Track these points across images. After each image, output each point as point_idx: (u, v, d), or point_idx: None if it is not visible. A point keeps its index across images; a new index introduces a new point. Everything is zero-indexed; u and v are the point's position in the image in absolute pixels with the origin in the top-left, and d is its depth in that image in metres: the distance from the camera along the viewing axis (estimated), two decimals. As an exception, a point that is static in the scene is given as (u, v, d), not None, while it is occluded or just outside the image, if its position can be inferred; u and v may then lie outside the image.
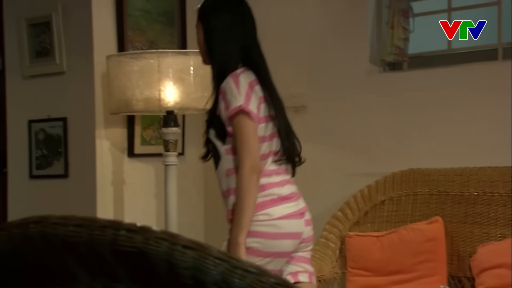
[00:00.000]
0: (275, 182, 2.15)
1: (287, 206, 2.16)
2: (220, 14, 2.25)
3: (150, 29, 3.36)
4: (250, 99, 2.10)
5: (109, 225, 0.70)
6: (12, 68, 3.49)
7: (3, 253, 0.74)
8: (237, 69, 2.15)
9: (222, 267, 0.69)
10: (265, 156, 2.15)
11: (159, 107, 2.88)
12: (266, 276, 0.70)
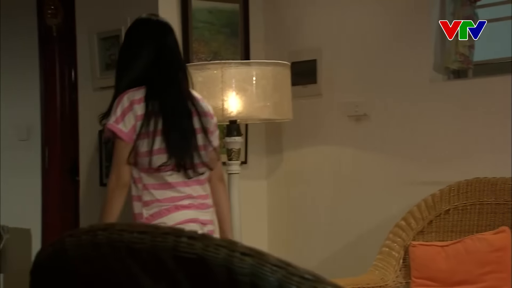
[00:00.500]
0: (158, 196, 2.36)
1: (176, 215, 2.36)
2: (125, 37, 2.58)
3: (214, 41, 3.42)
4: (124, 119, 2.34)
5: (171, 232, 0.73)
6: (84, 80, 3.61)
7: (73, 258, 0.78)
8: (130, 88, 2.38)
9: (280, 274, 0.70)
10: (151, 170, 2.35)
11: (223, 116, 2.93)
12: (322, 284, 0.71)
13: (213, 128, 2.52)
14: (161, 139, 2.33)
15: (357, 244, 3.29)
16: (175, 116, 2.38)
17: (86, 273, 0.79)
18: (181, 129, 2.38)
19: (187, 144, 2.38)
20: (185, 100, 2.42)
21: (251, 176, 3.51)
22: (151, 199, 2.38)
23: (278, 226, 3.58)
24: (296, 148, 3.52)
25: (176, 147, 2.34)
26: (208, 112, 2.51)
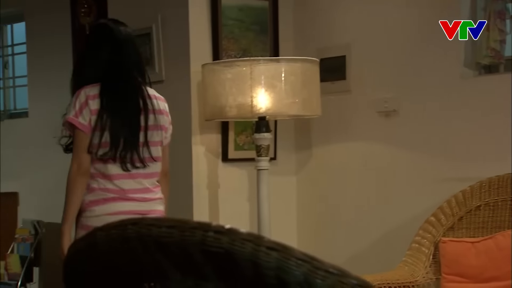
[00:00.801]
0: (102, 185, 2.53)
1: (114, 205, 2.52)
2: (85, 38, 2.83)
3: (244, 38, 3.44)
4: (82, 112, 2.53)
5: (198, 226, 0.74)
6: (115, 78, 3.66)
7: (104, 251, 0.80)
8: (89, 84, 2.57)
9: (305, 268, 0.71)
10: (99, 161, 2.53)
11: (252, 113, 2.95)
12: (347, 277, 0.72)
13: (167, 126, 2.67)
14: (109, 133, 2.51)
15: (386, 240, 3.28)
16: (124, 112, 2.56)
17: (116, 266, 0.81)
18: (128, 125, 2.55)
19: (131, 139, 2.54)
20: (136, 97, 2.58)
21: (280, 172, 3.52)
22: (94, 187, 2.54)
23: (307, 222, 3.59)
24: (325, 144, 3.53)
25: (121, 142, 2.52)
26: (162, 110, 2.65)
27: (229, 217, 3.33)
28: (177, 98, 3.36)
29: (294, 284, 0.71)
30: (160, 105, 2.66)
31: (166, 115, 2.67)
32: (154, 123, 2.61)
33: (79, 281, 0.87)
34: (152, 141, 2.60)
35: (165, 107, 2.69)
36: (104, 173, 2.55)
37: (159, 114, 2.63)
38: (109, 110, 2.52)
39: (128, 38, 2.70)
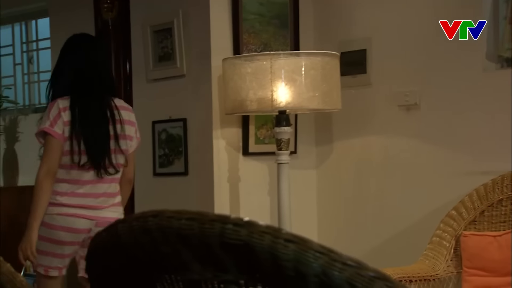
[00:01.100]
0: (65, 190, 2.79)
1: (77, 209, 2.78)
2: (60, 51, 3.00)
3: (264, 32, 3.45)
4: (56, 122, 2.77)
5: (217, 219, 0.75)
6: (138, 72, 3.69)
7: (125, 243, 0.82)
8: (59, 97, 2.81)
9: (322, 260, 0.70)
10: (67, 167, 2.77)
11: (272, 107, 2.96)
12: (365, 270, 0.72)
13: (133, 135, 2.91)
14: (80, 142, 2.76)
15: (406, 234, 3.28)
16: (93, 123, 2.81)
17: (137, 257, 0.83)
18: (97, 134, 2.80)
19: (101, 147, 2.80)
20: (104, 109, 2.83)
21: (301, 166, 3.53)
22: (57, 190, 2.77)
23: (328, 216, 3.60)
24: (345, 138, 3.52)
25: (91, 150, 2.77)
26: (128, 120, 2.89)
27: (250, 210, 3.35)
28: (198, 93, 3.38)
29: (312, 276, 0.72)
30: (126, 116, 2.90)
31: (132, 125, 2.91)
32: (121, 133, 2.85)
33: (102, 272, 0.89)
34: (113, 149, 2.83)
35: (132, 117, 2.93)
36: (70, 178, 2.79)
37: (125, 124, 2.87)
38: (80, 121, 2.78)
39: (96, 51, 2.94)
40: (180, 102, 3.47)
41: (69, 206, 2.78)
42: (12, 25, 5.62)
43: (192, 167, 3.42)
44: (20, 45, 5.58)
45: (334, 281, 0.71)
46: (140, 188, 3.67)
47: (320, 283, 0.71)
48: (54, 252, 2.81)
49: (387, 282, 0.71)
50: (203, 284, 0.81)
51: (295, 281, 0.73)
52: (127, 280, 0.88)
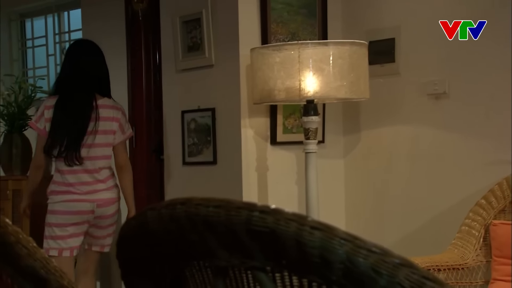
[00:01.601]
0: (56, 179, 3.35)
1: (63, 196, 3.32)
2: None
3: (292, 21, 3.45)
4: (40, 119, 3.31)
5: (244, 206, 0.76)
6: (167, 63, 3.72)
7: (154, 230, 0.84)
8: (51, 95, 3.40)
9: (347, 247, 0.71)
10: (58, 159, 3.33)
11: (300, 96, 2.96)
12: (390, 256, 0.73)
13: (115, 129, 3.38)
14: (57, 138, 3.27)
15: (435, 223, 3.26)
16: (69, 121, 3.29)
17: (166, 244, 0.84)
18: (71, 131, 3.29)
19: (72, 142, 3.28)
20: (83, 108, 3.31)
21: (329, 155, 3.53)
22: (54, 180, 3.36)
23: (356, 205, 3.59)
24: (373, 127, 3.51)
25: (64, 144, 3.27)
26: (110, 117, 3.37)
27: (278, 199, 3.36)
28: (226, 82, 3.40)
29: (337, 263, 0.72)
30: (110, 113, 3.36)
31: (115, 121, 3.38)
32: (102, 128, 3.32)
33: (131, 258, 0.91)
34: (98, 143, 3.33)
35: (115, 114, 3.39)
36: (58, 168, 3.33)
37: (106, 120, 3.35)
38: (57, 119, 3.27)
39: (83, 56, 3.38)
40: (208, 92, 3.49)
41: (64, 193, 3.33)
42: (45, 16, 5.69)
43: (220, 156, 3.44)
44: (53, 36, 5.66)
45: (359, 267, 0.71)
46: (170, 177, 3.71)
47: (345, 269, 0.72)
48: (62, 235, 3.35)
49: (412, 269, 0.71)
50: (230, 271, 0.82)
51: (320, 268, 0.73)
52: (156, 266, 0.89)
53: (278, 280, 0.78)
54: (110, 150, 3.39)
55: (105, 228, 3.45)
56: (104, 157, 3.39)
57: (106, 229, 3.46)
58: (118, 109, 3.43)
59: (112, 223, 3.48)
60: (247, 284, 0.81)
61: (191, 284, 0.88)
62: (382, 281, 0.70)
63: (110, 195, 3.40)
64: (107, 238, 3.49)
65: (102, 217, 3.41)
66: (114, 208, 3.44)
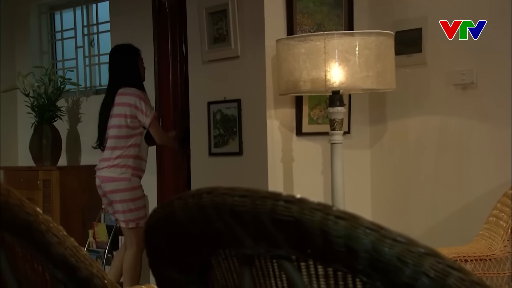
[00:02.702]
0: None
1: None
2: None
3: (318, 12, 3.44)
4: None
5: (269, 196, 0.76)
6: (194, 54, 3.74)
7: (181, 219, 0.85)
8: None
9: (373, 236, 0.71)
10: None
11: (325, 87, 2.95)
12: (415, 246, 0.73)
13: (127, 112, 3.96)
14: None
15: (462, 214, 3.24)
16: (101, 108, 4.10)
17: (192, 233, 0.86)
18: (100, 116, 4.06)
19: (100, 125, 4.04)
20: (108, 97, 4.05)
21: (354, 146, 3.52)
22: None
23: (382, 196, 3.58)
24: (400, 118, 3.49)
25: (98, 126, 4.06)
26: (123, 102, 3.97)
27: (303, 190, 3.36)
28: (252, 73, 3.40)
29: (362, 252, 0.72)
30: (124, 99, 3.96)
31: (127, 106, 3.93)
32: (116, 112, 3.96)
33: (159, 247, 0.92)
34: (112, 125, 3.97)
35: (129, 100, 3.95)
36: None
37: (119, 105, 3.96)
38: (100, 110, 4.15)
39: (117, 53, 4.13)
40: (234, 83, 3.50)
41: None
42: (74, 8, 5.75)
43: (246, 147, 3.45)
44: (82, 28, 5.71)
45: (384, 257, 0.72)
46: (196, 168, 3.73)
47: (370, 259, 0.72)
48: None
49: (438, 258, 0.71)
50: (256, 259, 0.83)
51: (345, 257, 0.74)
52: (183, 255, 0.91)
53: (303, 269, 0.79)
54: (124, 131, 3.93)
55: (113, 204, 3.97)
56: (116, 137, 3.93)
57: (114, 205, 3.97)
58: (132, 94, 3.93)
59: (118, 200, 3.92)
60: (273, 273, 0.82)
61: (218, 272, 0.89)
62: (407, 270, 0.70)
63: (109, 173, 3.92)
64: (118, 214, 3.97)
65: (106, 193, 3.98)
66: (112, 186, 3.92)
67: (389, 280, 0.71)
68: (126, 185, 3.95)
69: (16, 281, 1.11)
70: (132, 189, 3.97)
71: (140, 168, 4.03)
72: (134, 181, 3.99)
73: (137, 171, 4.01)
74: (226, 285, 0.89)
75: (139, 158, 4.02)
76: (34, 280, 1.08)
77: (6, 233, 1.08)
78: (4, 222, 1.04)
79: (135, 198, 3.98)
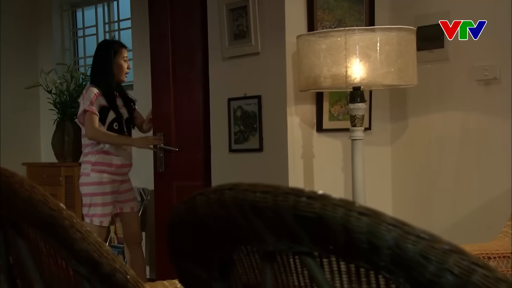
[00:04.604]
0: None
1: None
2: None
3: (339, 8, 3.42)
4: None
5: (291, 192, 0.76)
6: (214, 50, 3.74)
7: (203, 215, 0.85)
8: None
9: (395, 232, 0.70)
10: None
11: (346, 83, 2.94)
12: (439, 243, 0.72)
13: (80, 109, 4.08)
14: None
15: (484, 211, 3.21)
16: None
17: (214, 229, 0.86)
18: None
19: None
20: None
21: (375, 142, 3.50)
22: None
23: (403, 192, 3.56)
24: (421, 113, 3.47)
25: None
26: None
27: (324, 186, 3.36)
28: (272, 70, 3.40)
29: (385, 248, 0.72)
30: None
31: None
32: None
33: (181, 243, 0.93)
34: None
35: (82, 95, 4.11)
36: None
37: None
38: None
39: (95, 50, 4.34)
40: (254, 79, 3.50)
41: None
42: (95, 6, 5.78)
43: (266, 143, 3.45)
44: (103, 25, 5.74)
45: (408, 253, 0.71)
46: (216, 164, 3.74)
47: (393, 255, 0.72)
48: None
49: (462, 255, 0.70)
50: (278, 255, 0.83)
51: (368, 253, 0.73)
52: (204, 250, 0.91)
53: (326, 265, 0.79)
54: (83, 129, 4.05)
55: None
56: (83, 135, 4.10)
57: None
58: (85, 90, 4.12)
59: (82, 194, 4.09)
60: (295, 269, 0.82)
61: (239, 268, 0.89)
62: (431, 267, 0.69)
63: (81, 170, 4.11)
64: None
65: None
66: (80, 180, 4.10)
67: (412, 277, 0.71)
68: (84, 179, 4.03)
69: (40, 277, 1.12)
70: (90, 184, 4.00)
71: (107, 163, 4.03)
72: (94, 177, 3.99)
73: (101, 166, 4.01)
74: (248, 282, 0.89)
75: (106, 153, 4.03)
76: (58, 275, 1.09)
77: (30, 229, 1.10)
78: (28, 218, 1.05)
79: (93, 194, 4.00)
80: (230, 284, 0.91)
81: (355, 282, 0.77)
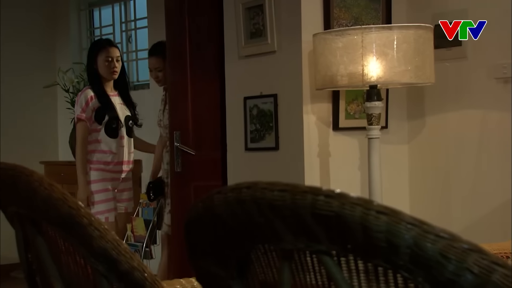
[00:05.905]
0: None
1: None
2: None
3: (355, 6, 3.41)
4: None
5: (309, 190, 0.76)
6: (230, 49, 3.74)
7: (221, 213, 0.85)
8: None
9: (414, 231, 0.70)
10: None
11: (363, 82, 2.93)
12: (458, 242, 0.71)
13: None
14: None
15: (503, 209, 3.19)
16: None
17: (232, 227, 0.86)
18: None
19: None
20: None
21: (392, 140, 3.49)
22: None
23: (420, 191, 3.54)
24: (439, 112, 3.45)
25: None
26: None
27: (340, 185, 3.35)
28: (289, 68, 3.39)
29: (404, 247, 0.72)
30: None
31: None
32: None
33: (199, 241, 0.93)
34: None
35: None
36: None
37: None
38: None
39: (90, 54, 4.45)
40: (271, 78, 3.50)
41: None
42: (112, 5, 5.82)
43: (282, 142, 3.45)
44: (120, 24, 5.77)
45: (427, 252, 0.71)
46: (233, 163, 3.75)
47: (412, 254, 0.72)
48: None
49: (482, 254, 0.70)
50: (295, 254, 0.83)
51: (387, 252, 0.73)
52: (222, 249, 0.91)
53: (343, 264, 0.78)
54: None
55: None
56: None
57: None
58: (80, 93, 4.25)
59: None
60: (313, 268, 0.82)
61: (257, 267, 0.89)
62: (450, 266, 0.69)
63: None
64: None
65: None
66: None
67: (431, 276, 0.71)
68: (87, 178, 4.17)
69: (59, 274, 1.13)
70: (91, 182, 4.16)
71: (104, 161, 4.18)
72: (92, 175, 4.16)
73: (99, 164, 4.17)
74: (265, 280, 0.89)
75: (102, 152, 4.17)
76: (76, 273, 1.10)
77: (49, 227, 1.10)
78: (47, 216, 1.06)
79: (95, 191, 4.16)
80: (247, 283, 0.91)
81: (373, 281, 0.76)
